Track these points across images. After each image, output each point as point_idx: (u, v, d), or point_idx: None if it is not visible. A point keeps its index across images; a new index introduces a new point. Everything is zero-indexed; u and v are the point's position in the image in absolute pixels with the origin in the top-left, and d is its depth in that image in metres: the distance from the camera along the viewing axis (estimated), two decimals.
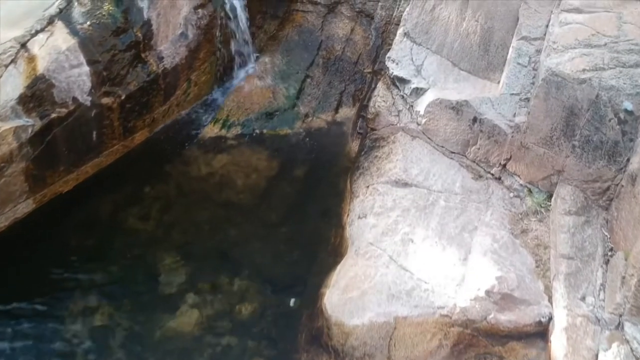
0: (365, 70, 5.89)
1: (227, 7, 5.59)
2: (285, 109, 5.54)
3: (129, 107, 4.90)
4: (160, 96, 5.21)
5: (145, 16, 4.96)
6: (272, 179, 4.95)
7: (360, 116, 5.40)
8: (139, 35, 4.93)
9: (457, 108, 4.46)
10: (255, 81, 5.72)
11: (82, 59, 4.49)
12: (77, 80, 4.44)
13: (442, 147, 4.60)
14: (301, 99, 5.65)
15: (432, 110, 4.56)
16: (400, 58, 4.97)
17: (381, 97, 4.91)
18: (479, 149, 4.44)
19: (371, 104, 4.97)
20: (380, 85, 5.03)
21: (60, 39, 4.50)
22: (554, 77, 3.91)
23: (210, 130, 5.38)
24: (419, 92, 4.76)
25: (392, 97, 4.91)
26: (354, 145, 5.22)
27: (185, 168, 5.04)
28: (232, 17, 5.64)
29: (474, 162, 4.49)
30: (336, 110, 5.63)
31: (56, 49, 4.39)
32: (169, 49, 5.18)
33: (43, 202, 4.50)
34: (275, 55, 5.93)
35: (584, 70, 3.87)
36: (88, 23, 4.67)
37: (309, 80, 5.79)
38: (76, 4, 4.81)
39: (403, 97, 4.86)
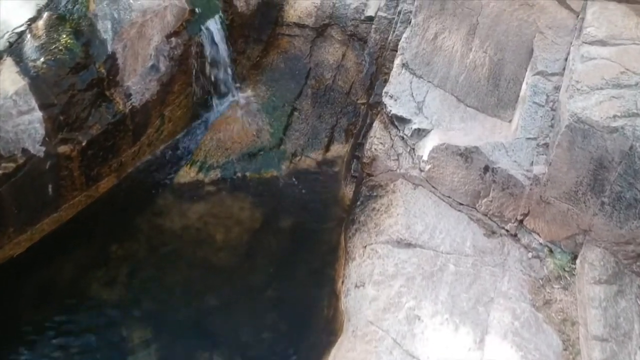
0: (358, 101, 5.32)
1: (204, 33, 5.00)
2: (270, 148, 4.96)
3: (91, 153, 4.30)
4: (129, 137, 4.62)
5: (110, 49, 4.36)
6: (255, 233, 4.37)
7: (354, 156, 4.83)
8: (102, 71, 4.33)
9: (466, 155, 3.91)
10: (236, 116, 5.13)
11: (33, 103, 3.89)
12: (27, 128, 3.84)
13: (449, 197, 4.05)
14: (288, 135, 5.07)
15: (437, 156, 4.01)
16: (399, 93, 4.41)
17: (378, 139, 4.35)
18: (491, 201, 3.89)
19: (367, 146, 4.40)
20: (376, 124, 4.46)
21: (8, 80, 3.90)
22: (580, 124, 3.37)
23: (186, 174, 4.79)
24: (420, 133, 4.21)
25: (391, 139, 4.34)
26: (348, 191, 4.65)
27: (157, 220, 4.44)
28: (210, 45, 5.05)
29: (486, 215, 3.95)
30: (327, 147, 5.06)
31: (2, 93, 3.79)
32: (137, 84, 4.58)
33: None
34: (259, 85, 5.35)
35: (614, 116, 3.33)
36: (42, 60, 4.07)
37: (296, 113, 5.21)
38: (29, 36, 4.21)
39: (403, 138, 4.30)
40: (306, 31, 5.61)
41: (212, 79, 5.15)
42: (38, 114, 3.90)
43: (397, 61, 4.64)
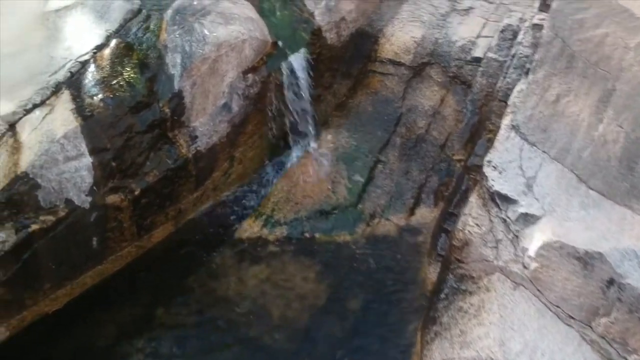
0: (454, 157, 4.59)
1: (286, 69, 4.44)
2: (346, 206, 4.33)
3: (145, 202, 3.85)
4: (191, 183, 4.14)
5: (177, 86, 3.88)
6: (318, 312, 3.76)
7: (442, 229, 4.11)
8: (166, 110, 3.86)
9: (586, 260, 3.11)
10: (312, 164, 4.55)
11: (83, 147, 3.47)
12: (73, 176, 3.42)
13: (558, 307, 3.26)
14: (368, 192, 4.42)
15: (548, 254, 3.23)
16: (505, 164, 3.65)
17: (474, 218, 3.61)
18: (613, 323, 3.07)
19: (460, 224, 3.67)
20: (474, 198, 3.72)
21: (60, 119, 3.49)
22: None
23: (249, 228, 4.25)
24: (528, 219, 3.44)
25: (490, 220, 3.59)
26: (432, 272, 3.95)
27: (212, 283, 3.93)
28: (291, 82, 4.49)
29: (604, 339, 3.12)
30: (412, 210, 4.37)
31: (50, 135, 3.38)
32: (205, 125, 4.09)
33: (22, 327, 3.50)
34: (342, 130, 4.74)
35: None
36: (100, 97, 3.65)
37: (380, 166, 4.55)
38: (92, 67, 3.81)
39: (505, 221, 3.53)
40: (401, 70, 4.94)
41: (291, 119, 4.59)
42: (87, 160, 3.46)
43: (506, 121, 3.89)
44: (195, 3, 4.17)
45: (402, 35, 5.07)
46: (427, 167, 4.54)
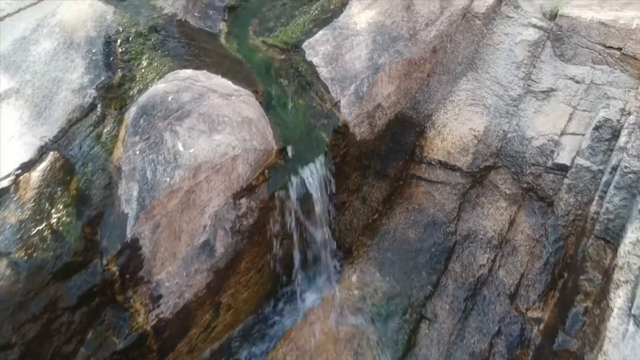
0: (529, 315, 3.25)
1: (296, 186, 3.16)
2: None
3: None
4: (152, 356, 2.88)
5: (129, 233, 2.63)
6: None
7: None
8: (113, 269, 2.62)
9: None
10: (328, 321, 3.25)
11: None
12: None
13: None
14: None
15: None
16: None
17: None
18: None
19: None
20: None
21: None
22: None
23: None
24: None
25: None
26: None
27: None
28: (302, 204, 3.21)
29: None
30: None
31: None
32: (175, 277, 2.84)
33: None
34: (370, 267, 3.43)
35: None
36: (10, 258, 2.42)
37: (424, 327, 3.23)
38: (9, 202, 2.59)
39: None
40: (455, 177, 3.63)
41: (300, 253, 3.31)
42: None
43: (619, 300, 2.59)
44: (170, 99, 2.93)
45: (457, 127, 3.76)
46: (491, 330, 3.21)
